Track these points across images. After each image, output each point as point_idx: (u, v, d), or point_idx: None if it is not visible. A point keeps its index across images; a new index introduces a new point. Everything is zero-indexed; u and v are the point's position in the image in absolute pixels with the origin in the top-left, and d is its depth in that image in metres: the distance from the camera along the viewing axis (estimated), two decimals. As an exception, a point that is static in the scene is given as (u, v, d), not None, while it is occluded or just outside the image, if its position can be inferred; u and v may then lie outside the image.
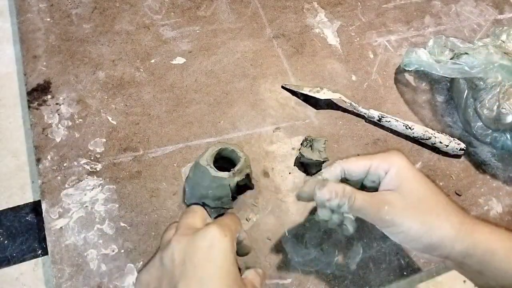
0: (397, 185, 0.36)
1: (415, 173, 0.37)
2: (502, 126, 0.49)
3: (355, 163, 0.38)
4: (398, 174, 0.36)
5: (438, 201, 0.36)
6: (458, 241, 0.34)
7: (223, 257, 0.31)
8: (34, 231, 0.44)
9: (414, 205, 0.35)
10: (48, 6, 0.56)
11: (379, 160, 0.37)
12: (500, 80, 0.49)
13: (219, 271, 0.31)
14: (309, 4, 0.62)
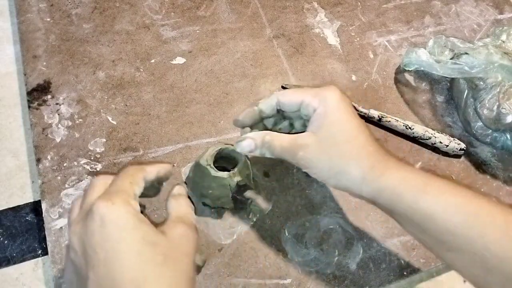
0: (319, 125, 0.36)
1: (341, 115, 0.36)
2: (502, 126, 0.49)
3: (289, 96, 0.38)
4: (324, 115, 0.36)
5: (355, 145, 0.36)
6: (364, 185, 0.35)
7: (119, 228, 0.28)
8: (34, 231, 0.44)
9: (327, 150, 0.36)
10: (48, 6, 0.56)
11: (311, 96, 0.37)
12: (500, 80, 0.49)
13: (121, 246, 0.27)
14: (309, 4, 0.62)
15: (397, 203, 0.34)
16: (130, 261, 0.27)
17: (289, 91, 0.39)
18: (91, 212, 0.28)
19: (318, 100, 0.37)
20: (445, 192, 0.34)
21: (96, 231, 0.28)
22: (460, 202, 0.34)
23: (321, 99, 0.37)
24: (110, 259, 0.27)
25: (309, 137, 0.36)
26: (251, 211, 0.45)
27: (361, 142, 0.36)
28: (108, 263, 0.27)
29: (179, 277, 0.29)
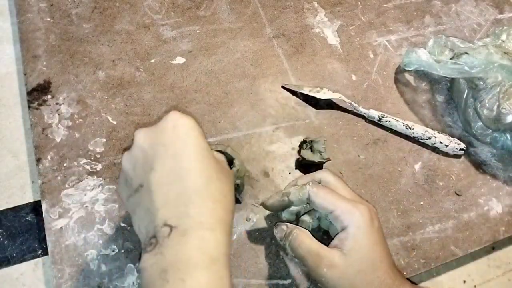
0: (349, 247, 0.36)
1: (369, 240, 0.36)
2: (502, 126, 0.49)
3: (321, 201, 0.38)
4: (354, 236, 0.36)
5: (377, 277, 0.36)
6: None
7: (189, 132, 0.33)
8: (34, 231, 0.44)
9: (351, 277, 0.35)
10: (48, 6, 0.56)
11: (342, 210, 0.37)
12: (500, 80, 0.49)
13: (189, 146, 0.32)
14: (309, 3, 0.62)
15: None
16: (199, 161, 0.32)
17: (323, 194, 0.38)
18: (165, 118, 0.33)
19: (348, 220, 0.36)
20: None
21: (169, 130, 0.32)
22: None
23: (352, 219, 0.36)
24: (180, 154, 0.32)
25: (338, 257, 0.36)
26: (251, 211, 0.45)
27: (382, 274, 0.36)
28: (177, 156, 0.32)
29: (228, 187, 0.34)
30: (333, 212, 0.37)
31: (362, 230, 0.36)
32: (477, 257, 0.50)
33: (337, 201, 0.37)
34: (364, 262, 0.36)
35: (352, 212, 0.36)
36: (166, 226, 0.30)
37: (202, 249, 0.29)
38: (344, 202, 0.37)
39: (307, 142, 0.48)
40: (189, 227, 0.30)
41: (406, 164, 0.51)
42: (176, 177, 0.31)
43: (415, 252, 0.45)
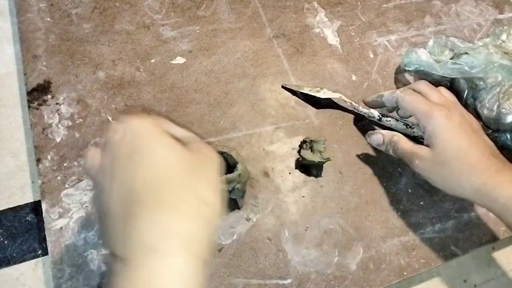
0: (431, 142, 0.42)
1: (449, 134, 0.41)
2: (502, 126, 0.48)
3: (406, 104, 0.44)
4: (433, 134, 0.42)
5: (465, 163, 0.40)
6: (477, 198, 0.40)
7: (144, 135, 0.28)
8: (34, 231, 0.44)
9: (440, 165, 0.41)
10: (48, 6, 0.56)
11: (421, 114, 0.43)
12: (500, 80, 0.48)
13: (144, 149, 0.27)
14: (309, 3, 0.62)
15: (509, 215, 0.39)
16: (147, 164, 0.26)
17: (408, 98, 0.45)
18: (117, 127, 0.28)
19: (427, 119, 0.42)
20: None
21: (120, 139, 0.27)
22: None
23: (428, 121, 0.42)
24: (128, 164, 0.26)
25: (425, 150, 0.42)
26: (251, 211, 0.45)
27: (471, 160, 0.40)
28: (127, 168, 0.26)
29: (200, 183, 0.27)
30: (414, 115, 0.44)
31: (441, 127, 0.41)
32: (477, 257, 0.50)
33: (418, 105, 0.43)
34: (448, 151, 0.41)
35: (428, 113, 0.42)
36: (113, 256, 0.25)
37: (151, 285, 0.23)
38: (423, 105, 0.43)
39: (307, 142, 0.48)
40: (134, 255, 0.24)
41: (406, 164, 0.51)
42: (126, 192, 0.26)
43: (415, 252, 0.45)
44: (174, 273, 0.23)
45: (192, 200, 0.26)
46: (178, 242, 0.24)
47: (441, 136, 0.41)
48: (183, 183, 0.26)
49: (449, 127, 0.41)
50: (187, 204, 0.26)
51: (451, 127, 0.41)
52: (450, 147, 0.41)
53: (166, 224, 0.25)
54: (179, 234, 0.25)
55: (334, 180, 0.49)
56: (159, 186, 0.26)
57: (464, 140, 0.41)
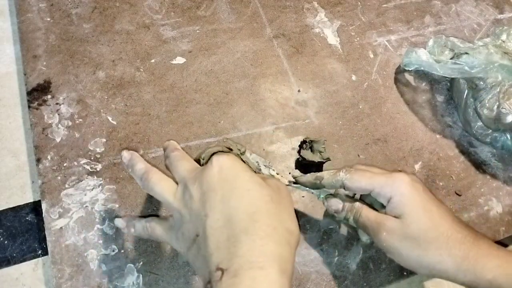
0: (399, 213, 0.36)
1: (418, 202, 0.36)
2: (502, 126, 0.49)
3: (357, 184, 0.38)
4: (401, 203, 0.36)
5: (441, 233, 0.35)
6: (460, 274, 0.35)
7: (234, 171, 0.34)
8: (34, 231, 0.44)
9: (413, 237, 0.36)
10: (48, 6, 0.56)
11: (381, 185, 0.37)
12: (500, 80, 0.49)
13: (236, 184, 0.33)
14: (309, 3, 0.62)
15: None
16: (244, 197, 0.32)
17: (357, 177, 0.38)
18: (210, 163, 0.34)
19: (390, 190, 0.37)
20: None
21: (216, 175, 0.33)
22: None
23: (393, 189, 0.37)
24: (227, 196, 0.32)
25: (393, 221, 0.36)
26: None
27: (445, 230, 0.36)
28: (226, 199, 0.32)
29: (284, 214, 0.33)
30: (373, 190, 0.37)
31: (408, 195, 0.36)
32: (477, 257, 0.50)
33: (373, 179, 0.37)
34: (421, 221, 0.36)
35: (390, 182, 0.37)
36: (218, 270, 0.30)
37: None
38: (380, 177, 0.38)
39: (307, 142, 0.48)
40: (239, 268, 0.29)
41: (406, 164, 0.51)
42: (226, 219, 0.32)
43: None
44: (270, 281, 0.29)
45: (280, 229, 0.32)
46: (273, 259, 0.30)
47: (411, 205, 0.36)
48: (273, 214, 0.32)
49: (416, 194, 0.37)
50: (277, 232, 0.32)
51: (418, 194, 0.37)
52: (422, 216, 0.36)
53: (264, 246, 0.30)
54: (273, 254, 0.30)
55: (334, 180, 0.48)
56: (256, 217, 0.31)
57: (435, 210, 0.36)
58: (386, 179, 0.37)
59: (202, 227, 0.32)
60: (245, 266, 0.29)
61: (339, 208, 0.40)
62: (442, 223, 0.36)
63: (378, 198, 0.38)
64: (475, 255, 0.35)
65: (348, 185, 0.38)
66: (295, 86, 0.55)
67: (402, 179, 0.37)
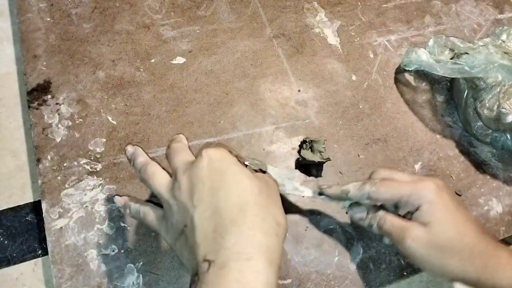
0: (427, 221, 0.36)
1: (446, 211, 0.36)
2: (502, 126, 0.49)
3: (384, 195, 0.38)
4: (429, 212, 0.36)
5: (466, 244, 0.36)
6: (480, 283, 0.36)
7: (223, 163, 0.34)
8: (34, 231, 0.44)
9: (439, 246, 0.36)
10: (48, 6, 0.56)
11: (408, 194, 0.37)
12: (500, 80, 0.49)
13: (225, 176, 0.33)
14: (309, 3, 0.62)
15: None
16: (233, 188, 0.32)
17: (384, 189, 0.38)
18: (200, 156, 0.34)
19: (419, 199, 0.37)
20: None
21: (205, 167, 0.33)
22: None
23: (420, 198, 0.37)
24: (216, 187, 0.32)
25: (420, 229, 0.36)
26: None
27: (470, 240, 0.36)
28: (214, 190, 0.32)
29: (272, 206, 0.34)
30: (400, 200, 0.37)
31: (435, 203, 0.36)
32: (477, 257, 0.50)
33: (400, 189, 0.37)
34: (448, 231, 0.36)
35: (418, 191, 0.37)
36: (206, 261, 0.30)
37: (240, 281, 0.29)
38: (407, 186, 0.37)
39: (307, 142, 0.48)
40: (226, 259, 0.29)
41: (406, 164, 0.51)
42: (214, 211, 0.32)
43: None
44: (257, 273, 0.29)
45: (269, 220, 0.32)
46: (260, 250, 0.30)
47: (438, 214, 0.36)
48: (261, 205, 0.32)
49: (443, 203, 0.37)
50: (266, 222, 0.32)
51: (446, 202, 0.37)
52: (449, 226, 0.36)
53: (252, 237, 0.31)
54: (261, 245, 0.30)
55: (334, 180, 0.49)
56: (244, 207, 0.32)
57: (460, 218, 0.37)
58: (412, 188, 0.37)
59: (190, 218, 0.32)
60: (232, 258, 0.29)
61: (363, 216, 0.40)
62: (467, 232, 0.36)
63: (405, 207, 0.38)
64: (495, 265, 0.35)
65: (374, 197, 0.38)
66: (295, 86, 0.55)
67: (430, 188, 0.37)
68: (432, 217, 0.36)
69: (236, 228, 0.31)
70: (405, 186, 0.38)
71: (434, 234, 0.36)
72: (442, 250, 0.36)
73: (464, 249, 0.36)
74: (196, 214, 0.32)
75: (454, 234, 0.36)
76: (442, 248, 0.36)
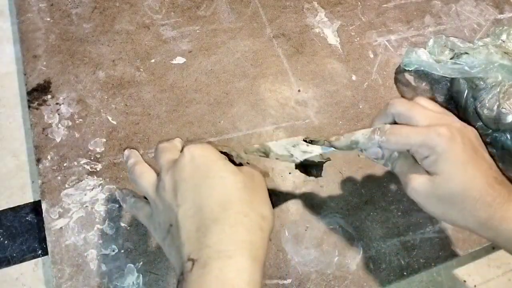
0: (432, 171, 0.36)
1: (453, 162, 0.35)
2: (502, 126, 0.49)
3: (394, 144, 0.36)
4: (434, 162, 0.35)
5: (468, 196, 0.35)
6: (481, 231, 0.35)
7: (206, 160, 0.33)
8: (34, 231, 0.44)
9: (439, 197, 0.35)
10: (48, 6, 0.56)
11: (418, 144, 0.35)
12: (500, 80, 0.49)
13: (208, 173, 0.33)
14: (309, 3, 0.62)
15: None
16: (216, 186, 0.32)
17: (394, 139, 0.36)
18: (182, 153, 0.34)
19: (427, 149, 0.35)
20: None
21: (187, 165, 0.33)
22: None
23: (429, 147, 0.35)
24: (199, 185, 0.32)
25: (423, 178, 0.36)
26: None
27: (476, 194, 0.35)
28: (197, 188, 0.32)
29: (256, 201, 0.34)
30: (410, 150, 0.36)
31: (443, 155, 0.35)
32: (477, 257, 0.50)
33: (410, 139, 0.36)
34: (450, 183, 0.35)
35: (428, 141, 0.35)
36: (189, 260, 0.30)
37: (222, 279, 0.29)
38: (417, 135, 0.35)
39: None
40: (208, 257, 0.29)
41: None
42: (197, 209, 0.32)
43: (415, 252, 0.45)
44: (240, 270, 0.29)
45: (252, 215, 0.32)
46: (243, 247, 0.30)
47: (444, 165, 0.35)
48: (245, 200, 0.32)
49: (452, 155, 0.35)
50: (249, 218, 0.32)
51: (454, 155, 0.35)
52: (454, 179, 0.35)
53: (234, 234, 0.30)
54: (244, 242, 0.30)
55: (334, 180, 0.49)
56: (227, 205, 0.31)
57: (469, 171, 0.35)
58: (424, 137, 0.35)
59: (175, 217, 0.32)
60: (213, 256, 0.29)
61: (379, 156, 0.38)
62: (473, 185, 0.35)
63: (415, 155, 0.37)
64: (501, 217, 0.34)
65: (385, 145, 0.37)
66: (295, 86, 0.55)
67: (441, 137, 0.35)
68: (437, 169, 0.35)
69: (218, 226, 0.31)
70: (415, 135, 0.36)
71: (436, 185, 0.35)
72: (442, 200, 0.35)
73: (465, 201, 0.35)
74: (180, 213, 0.32)
75: (457, 187, 0.35)
76: (442, 199, 0.35)
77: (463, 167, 0.35)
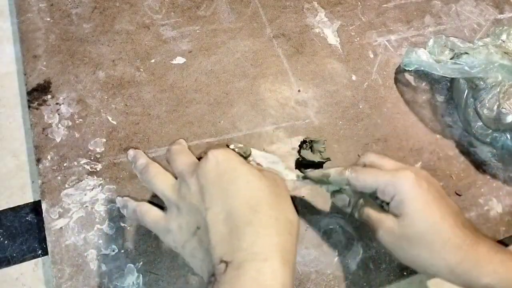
0: (399, 213, 0.36)
1: (420, 203, 0.36)
2: (502, 126, 0.49)
3: (362, 182, 0.38)
4: (401, 203, 0.36)
5: (437, 238, 0.35)
6: (453, 277, 0.35)
7: (231, 164, 0.34)
8: (34, 231, 0.44)
9: (408, 238, 0.36)
10: (48, 6, 0.56)
11: (385, 184, 0.36)
12: (500, 80, 0.49)
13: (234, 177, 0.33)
14: (309, 3, 0.62)
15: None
16: (243, 189, 0.33)
17: (362, 176, 0.38)
18: (206, 157, 0.34)
19: (393, 189, 0.36)
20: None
21: (212, 169, 0.33)
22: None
23: (395, 188, 0.36)
24: (226, 188, 0.33)
25: (391, 221, 0.37)
26: None
27: (445, 235, 0.35)
28: (225, 192, 0.32)
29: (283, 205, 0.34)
30: (377, 189, 0.37)
31: (410, 195, 0.36)
32: (477, 257, 0.50)
33: (378, 178, 0.37)
34: (419, 223, 0.35)
35: (394, 181, 0.36)
36: (222, 262, 0.30)
37: (257, 281, 0.29)
38: (384, 175, 0.37)
39: (307, 142, 0.48)
40: (243, 260, 0.30)
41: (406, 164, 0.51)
42: (227, 212, 0.32)
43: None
44: (274, 272, 0.30)
45: (281, 219, 0.32)
46: (276, 250, 0.30)
47: (411, 206, 0.35)
48: (273, 204, 0.33)
49: (419, 195, 0.36)
50: (279, 221, 0.32)
51: (421, 194, 0.36)
52: (422, 219, 0.35)
53: (267, 237, 0.31)
54: (275, 245, 0.31)
55: (334, 180, 0.48)
56: (257, 207, 0.32)
57: (436, 211, 0.35)
58: (390, 178, 0.36)
59: (204, 220, 0.32)
60: (249, 258, 0.30)
61: (345, 203, 0.41)
62: (442, 227, 0.35)
63: (382, 196, 0.37)
64: (472, 261, 0.34)
65: (353, 183, 0.38)
66: (295, 86, 0.55)
67: (406, 178, 0.36)
68: (405, 209, 0.35)
69: (251, 228, 0.31)
70: (383, 175, 0.37)
71: (405, 227, 0.35)
72: (411, 242, 0.35)
73: (435, 243, 0.35)
74: (209, 216, 0.32)
75: (426, 227, 0.35)
76: (412, 241, 0.35)
77: (429, 207, 0.36)
